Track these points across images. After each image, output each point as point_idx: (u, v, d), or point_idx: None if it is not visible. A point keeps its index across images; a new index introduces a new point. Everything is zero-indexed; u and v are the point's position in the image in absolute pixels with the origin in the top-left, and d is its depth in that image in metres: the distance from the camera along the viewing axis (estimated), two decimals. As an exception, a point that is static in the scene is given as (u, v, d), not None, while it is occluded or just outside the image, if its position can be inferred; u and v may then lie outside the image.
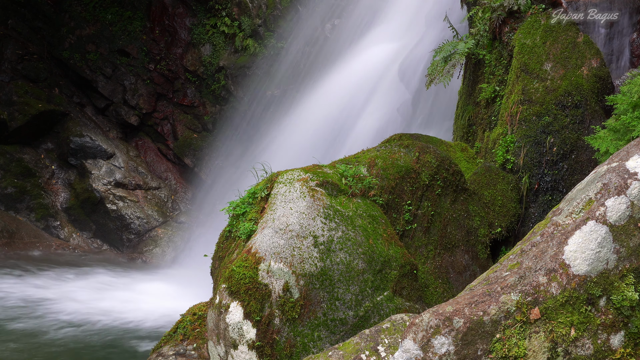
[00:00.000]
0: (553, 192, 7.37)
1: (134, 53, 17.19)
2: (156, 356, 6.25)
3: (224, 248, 6.14)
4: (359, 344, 4.45)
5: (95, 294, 12.29)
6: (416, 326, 4.09)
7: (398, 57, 13.04)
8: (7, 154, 15.68)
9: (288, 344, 5.24)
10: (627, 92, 6.25)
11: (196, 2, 17.04)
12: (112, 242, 16.01)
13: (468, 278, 6.44)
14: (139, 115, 17.37)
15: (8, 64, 16.30)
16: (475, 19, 8.86)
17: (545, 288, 4.14)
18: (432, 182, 6.41)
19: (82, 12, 17.08)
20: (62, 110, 16.37)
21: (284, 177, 5.88)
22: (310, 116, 14.44)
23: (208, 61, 17.00)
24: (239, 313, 5.23)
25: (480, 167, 7.62)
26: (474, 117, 8.83)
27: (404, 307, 5.60)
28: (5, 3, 16.34)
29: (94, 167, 16.06)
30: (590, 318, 4.16)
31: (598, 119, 7.33)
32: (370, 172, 6.22)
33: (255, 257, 5.34)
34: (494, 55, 8.52)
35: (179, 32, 17.24)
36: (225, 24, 16.81)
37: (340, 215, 5.68)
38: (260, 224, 5.62)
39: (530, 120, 7.48)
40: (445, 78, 8.51)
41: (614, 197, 4.27)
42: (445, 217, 6.47)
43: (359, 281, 5.50)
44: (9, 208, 15.50)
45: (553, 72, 7.58)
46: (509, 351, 4.03)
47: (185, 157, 17.31)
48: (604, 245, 4.21)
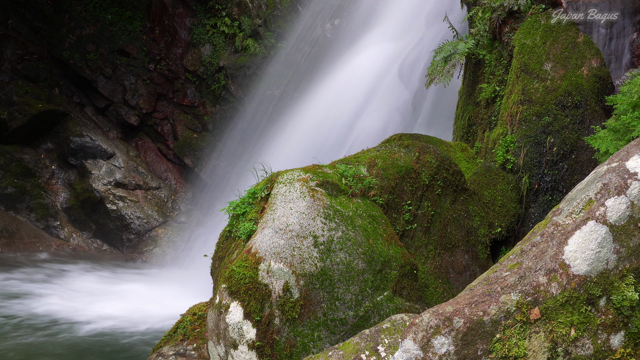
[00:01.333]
0: (553, 192, 7.37)
1: (134, 53, 17.19)
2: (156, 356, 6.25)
3: (224, 248, 6.14)
4: (359, 344, 4.45)
5: (95, 294, 12.29)
6: (416, 326, 4.09)
7: (398, 57, 13.04)
8: (7, 154, 15.68)
9: (288, 344, 5.24)
10: (627, 92, 6.25)
11: (196, 2, 17.04)
12: (112, 242, 16.01)
13: (468, 278, 6.44)
14: (139, 115, 17.36)
15: (8, 64, 16.30)
16: (475, 19, 8.86)
17: (545, 288, 4.14)
18: (432, 182, 6.41)
19: (82, 12, 17.08)
20: (62, 110, 16.37)
21: (284, 177, 5.88)
22: (310, 116, 14.43)
23: (208, 61, 17.00)
24: (239, 313, 5.23)
25: (480, 167, 7.62)
26: (474, 117, 8.83)
27: (404, 307, 5.60)
28: (5, 3, 16.34)
29: (94, 167, 16.06)
30: (590, 318, 4.16)
31: (598, 119, 7.33)
32: (370, 172, 6.22)
33: (255, 257, 5.34)
34: (494, 55, 8.51)
35: (179, 32, 17.24)
36: (225, 24, 16.80)
37: (340, 215, 5.68)
38: (260, 224, 5.62)
39: (530, 120, 7.48)
40: (445, 78, 8.50)
41: (614, 197, 4.27)
42: (445, 217, 6.47)
43: (359, 281, 5.50)
44: (9, 208, 15.49)
45: (553, 72, 7.58)
46: (509, 351, 4.03)
47: (185, 157, 17.30)
48: (604, 245, 4.21)
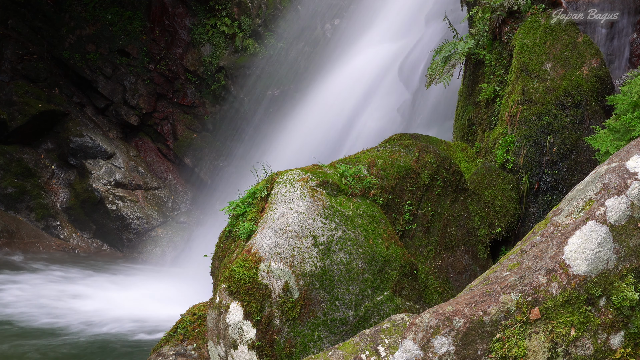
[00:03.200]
0: (553, 192, 7.36)
1: (134, 53, 17.19)
2: (156, 356, 6.25)
3: (224, 248, 6.13)
4: (359, 344, 4.45)
5: (94, 294, 12.29)
6: (416, 326, 4.08)
7: (398, 57, 13.05)
8: (7, 154, 15.68)
9: (288, 344, 5.24)
10: (627, 92, 6.25)
11: (196, 2, 17.04)
12: (112, 242, 16.01)
13: (468, 278, 6.44)
14: (139, 115, 17.36)
15: (8, 64, 16.30)
16: (475, 19, 8.86)
17: (545, 288, 4.14)
18: (432, 182, 6.41)
19: (82, 12, 17.08)
20: (62, 110, 16.37)
21: (284, 177, 5.88)
22: (310, 116, 14.44)
23: (208, 61, 17.00)
24: (239, 313, 5.23)
25: (480, 167, 7.61)
26: (474, 117, 8.83)
27: (404, 307, 5.60)
28: (5, 3, 16.34)
29: (94, 167, 16.06)
30: (590, 318, 4.16)
31: (598, 119, 7.32)
32: (370, 172, 6.22)
33: (255, 257, 5.34)
34: (494, 55, 8.51)
35: (179, 32, 17.24)
36: (225, 24, 16.80)
37: (340, 215, 5.68)
38: (260, 224, 5.62)
39: (530, 120, 7.48)
40: (445, 78, 8.50)
41: (614, 197, 4.27)
42: (445, 217, 6.47)
43: (359, 281, 5.50)
44: (9, 208, 15.49)
45: (553, 72, 7.58)
46: (509, 351, 4.03)
47: (185, 157, 17.30)
48: (604, 245, 4.21)
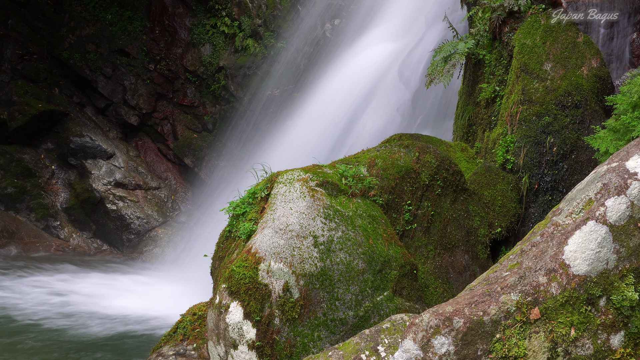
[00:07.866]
0: (553, 192, 7.36)
1: (134, 53, 17.19)
2: (156, 356, 6.25)
3: (224, 248, 6.13)
4: (359, 344, 4.45)
5: (94, 294, 12.28)
6: (416, 326, 4.08)
7: (398, 57, 13.04)
8: (7, 154, 15.68)
9: (288, 344, 5.24)
10: (627, 92, 6.25)
11: (196, 2, 17.04)
12: (112, 242, 16.01)
13: (468, 278, 6.44)
14: (139, 115, 17.36)
15: (8, 64, 16.30)
16: (475, 19, 8.86)
17: (545, 288, 4.14)
18: (432, 182, 6.41)
19: (82, 12, 17.07)
20: (62, 110, 16.36)
21: (284, 177, 5.88)
22: (310, 116, 14.44)
23: (208, 61, 17.00)
24: (239, 313, 5.23)
25: (480, 167, 7.61)
26: (474, 117, 8.83)
27: (404, 307, 5.60)
28: (5, 3, 16.34)
29: (94, 167, 16.06)
30: (590, 318, 4.16)
31: (598, 119, 7.32)
32: (370, 172, 6.22)
33: (255, 257, 5.34)
34: (494, 55, 8.51)
35: (179, 32, 17.23)
36: (225, 24, 16.80)
37: (340, 215, 5.68)
38: (260, 224, 5.62)
39: (530, 120, 7.48)
40: (445, 78, 8.50)
41: (614, 197, 4.27)
42: (445, 217, 6.47)
43: (359, 281, 5.50)
44: (9, 208, 15.49)
45: (553, 72, 7.58)
46: (509, 351, 4.03)
47: (185, 157, 17.30)
48: (604, 245, 4.21)
